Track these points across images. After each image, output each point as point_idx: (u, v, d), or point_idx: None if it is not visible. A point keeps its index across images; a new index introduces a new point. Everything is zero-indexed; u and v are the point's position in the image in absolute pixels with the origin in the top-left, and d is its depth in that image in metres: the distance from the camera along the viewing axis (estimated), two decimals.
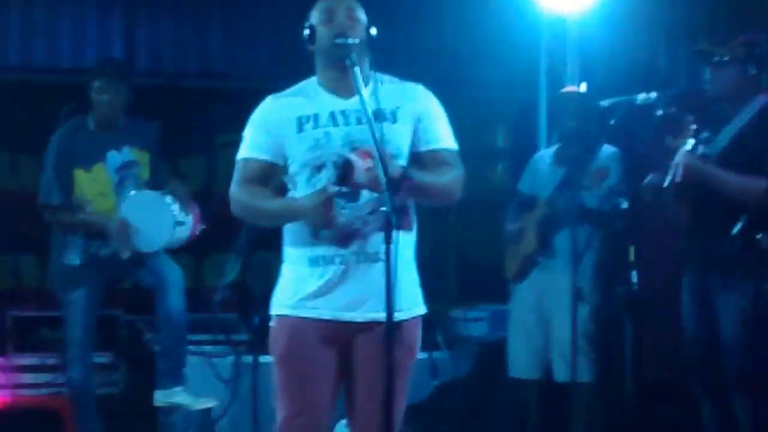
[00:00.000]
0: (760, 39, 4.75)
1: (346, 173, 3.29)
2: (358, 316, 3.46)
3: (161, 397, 5.32)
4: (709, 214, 4.70)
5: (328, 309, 3.45)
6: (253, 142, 3.53)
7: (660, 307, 5.74)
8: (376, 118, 3.43)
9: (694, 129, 4.72)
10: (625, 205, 5.06)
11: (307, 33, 3.52)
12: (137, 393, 5.89)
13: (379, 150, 3.27)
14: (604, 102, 4.97)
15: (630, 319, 5.39)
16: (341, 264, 3.43)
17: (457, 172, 3.55)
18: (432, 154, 3.52)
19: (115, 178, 5.30)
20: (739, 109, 4.71)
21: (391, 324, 3.24)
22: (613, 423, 5.48)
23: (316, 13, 3.52)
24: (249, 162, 3.52)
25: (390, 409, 3.30)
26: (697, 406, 4.90)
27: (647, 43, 7.05)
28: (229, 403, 5.59)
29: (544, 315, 5.36)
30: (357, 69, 3.37)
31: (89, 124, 5.33)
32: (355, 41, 3.42)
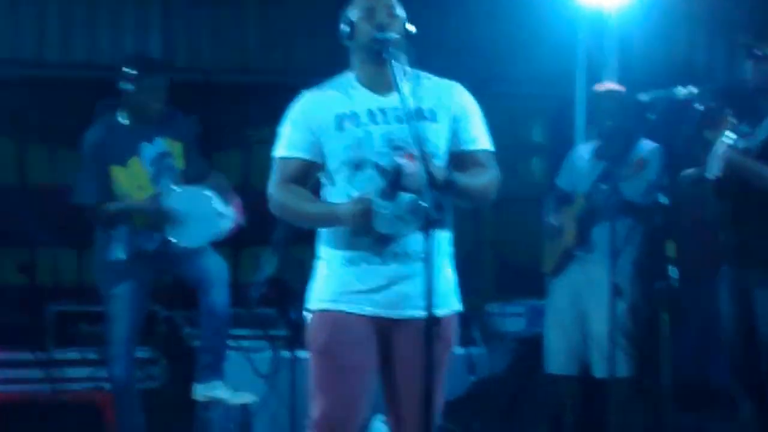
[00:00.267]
0: None
1: (397, 179, 3.29)
2: (398, 313, 3.47)
3: (201, 391, 5.33)
4: (749, 208, 4.67)
5: (369, 305, 3.45)
6: (291, 140, 3.51)
7: (698, 303, 5.72)
8: (416, 116, 3.44)
9: (733, 123, 4.69)
10: (664, 200, 5.03)
11: (345, 28, 3.52)
12: (176, 387, 5.92)
13: (422, 150, 3.27)
14: (644, 96, 4.94)
15: (667, 314, 5.37)
16: (381, 264, 3.44)
17: (493, 174, 3.56)
18: (468, 155, 3.53)
19: (151, 171, 5.30)
20: None
21: (431, 320, 3.24)
22: (650, 419, 5.46)
23: (355, 9, 3.52)
24: (288, 161, 3.51)
25: (430, 404, 3.31)
26: (734, 403, 4.88)
27: (686, 38, 7.01)
28: (267, 398, 5.61)
29: (581, 310, 5.36)
30: (395, 63, 3.38)
31: (120, 118, 5.32)
32: (395, 36, 3.43)
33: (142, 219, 5.25)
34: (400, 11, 3.52)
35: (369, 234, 3.39)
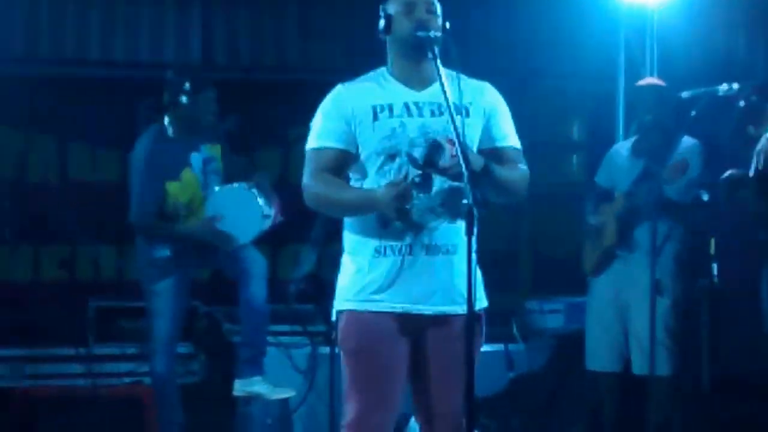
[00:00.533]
0: None
1: (434, 154, 3.29)
2: (427, 309, 3.46)
3: (240, 386, 5.34)
4: None
5: (398, 302, 3.44)
6: (326, 131, 3.50)
7: (739, 300, 5.68)
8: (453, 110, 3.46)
9: None
10: (705, 197, 5.01)
11: (383, 22, 3.52)
12: (216, 383, 5.95)
13: (462, 141, 3.28)
14: (685, 93, 4.91)
15: (708, 311, 5.35)
16: (410, 255, 3.43)
17: (524, 170, 3.59)
18: (499, 152, 3.55)
19: (201, 177, 5.33)
20: None
21: (471, 315, 3.24)
22: (689, 416, 5.43)
23: (394, 3, 3.52)
24: (322, 151, 3.50)
25: (471, 401, 3.31)
26: None
27: (726, 34, 6.96)
28: (306, 394, 5.62)
29: (622, 308, 5.33)
30: (439, 62, 3.38)
31: (168, 130, 5.32)
32: (437, 34, 3.44)
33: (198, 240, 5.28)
34: (438, 8, 3.53)
35: (404, 219, 3.38)
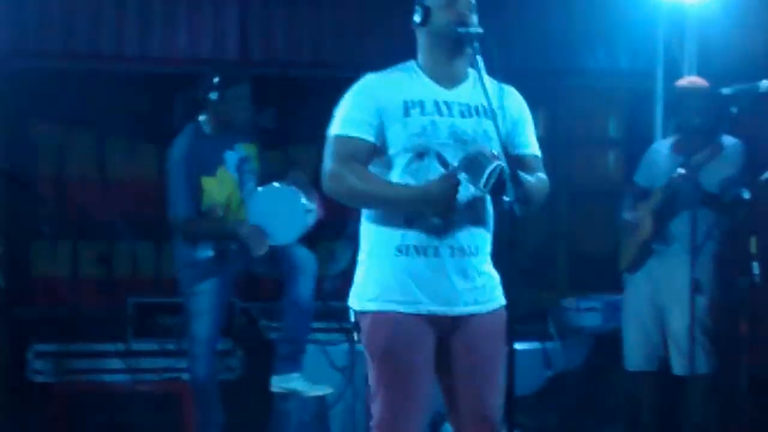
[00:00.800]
0: None
1: (501, 182, 3.24)
2: (453, 310, 3.45)
3: (278, 383, 5.33)
4: None
5: (424, 303, 3.42)
6: (355, 120, 3.42)
7: None
8: (479, 113, 3.46)
9: None
10: (746, 195, 4.97)
11: (420, 14, 3.47)
12: (253, 379, 5.96)
13: (503, 144, 3.27)
14: (725, 90, 4.87)
15: (747, 311, 5.31)
16: (434, 256, 3.41)
17: (545, 179, 3.57)
18: (521, 159, 3.53)
19: (236, 176, 5.35)
20: None
21: (512, 314, 3.24)
22: (728, 416, 5.40)
23: None
24: (351, 140, 3.41)
25: (510, 399, 3.32)
26: None
27: (765, 31, 6.89)
28: (343, 391, 5.62)
29: (659, 306, 5.31)
30: (479, 58, 3.36)
31: (205, 128, 5.33)
32: (479, 31, 3.39)
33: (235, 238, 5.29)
34: (475, 5, 3.50)
35: (450, 213, 3.36)
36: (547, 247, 7.28)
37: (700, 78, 5.42)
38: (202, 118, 5.33)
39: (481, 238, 3.48)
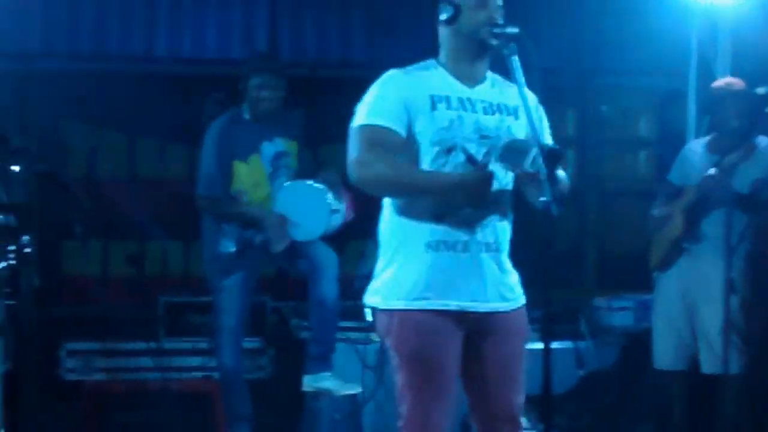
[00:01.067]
0: None
1: (557, 161, 3.22)
2: (482, 307, 3.44)
3: (309, 382, 5.37)
4: None
5: (454, 300, 3.40)
6: (383, 111, 3.39)
7: None
8: (501, 112, 3.47)
9: None
10: None
11: (448, 11, 3.45)
12: (284, 378, 5.98)
13: (539, 140, 3.26)
14: (761, 89, 4.86)
15: None
16: (464, 251, 3.40)
17: (565, 176, 3.55)
18: None
19: (269, 169, 5.38)
20: None
21: (548, 312, 3.24)
22: (759, 416, 5.37)
23: None
24: (380, 129, 3.37)
25: (548, 399, 3.31)
26: None
27: None
28: (374, 390, 5.61)
29: (690, 305, 5.29)
30: (516, 59, 3.33)
31: (244, 115, 5.40)
32: (515, 31, 3.36)
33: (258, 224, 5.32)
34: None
35: (484, 203, 3.36)
36: (577, 246, 7.28)
37: (736, 79, 5.37)
38: (243, 105, 5.39)
39: (505, 233, 3.49)
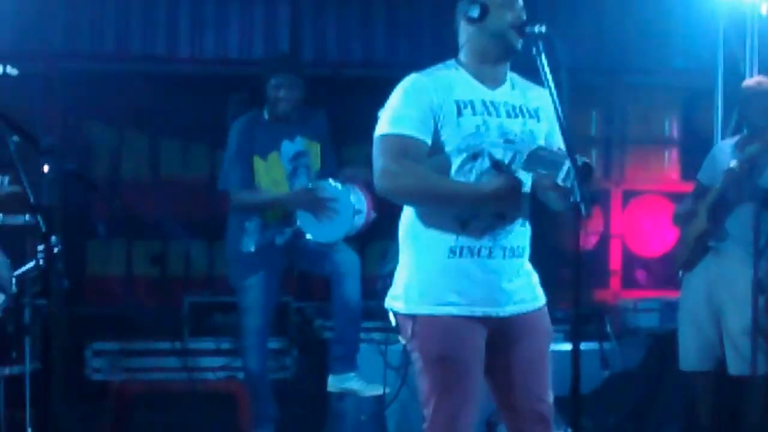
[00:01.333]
0: None
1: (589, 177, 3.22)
2: (504, 310, 3.43)
3: (334, 383, 5.38)
4: None
5: (478, 305, 3.40)
6: (409, 119, 3.34)
7: None
8: (524, 114, 3.46)
9: None
10: None
11: (475, 10, 3.40)
12: (308, 378, 5.99)
13: (568, 144, 3.25)
14: None
15: None
16: (488, 257, 3.39)
17: None
18: None
19: (289, 168, 5.40)
20: None
21: (577, 314, 3.23)
22: None
23: None
24: (407, 139, 3.33)
25: (576, 400, 3.30)
26: None
27: None
28: (398, 390, 5.61)
29: (715, 306, 5.26)
30: (544, 58, 3.30)
31: (265, 115, 5.42)
32: (542, 30, 3.33)
33: (275, 212, 5.33)
34: None
35: (516, 209, 3.36)
36: (602, 246, 7.26)
37: (766, 78, 5.34)
38: (265, 106, 5.43)
39: (526, 238, 3.49)
